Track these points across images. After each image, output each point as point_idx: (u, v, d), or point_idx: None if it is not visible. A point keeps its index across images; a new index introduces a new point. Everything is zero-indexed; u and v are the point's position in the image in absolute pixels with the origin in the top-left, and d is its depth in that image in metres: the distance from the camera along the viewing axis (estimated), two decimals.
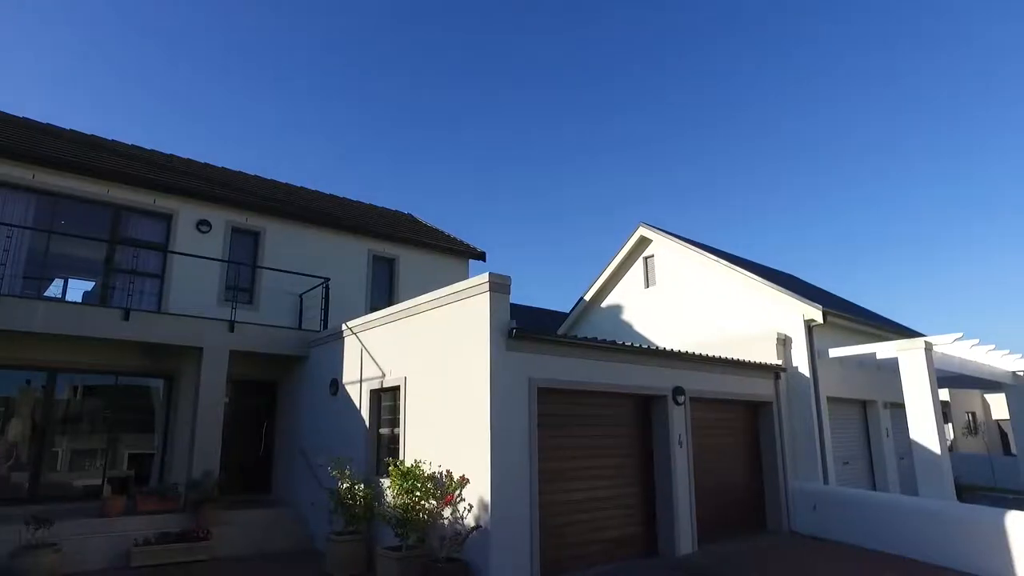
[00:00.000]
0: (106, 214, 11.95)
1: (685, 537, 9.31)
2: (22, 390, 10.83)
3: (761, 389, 11.57)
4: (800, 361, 11.91)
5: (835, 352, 12.09)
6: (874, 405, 13.66)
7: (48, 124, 13.68)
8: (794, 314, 12.05)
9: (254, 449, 12.50)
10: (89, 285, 12.45)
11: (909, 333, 15.07)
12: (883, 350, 11.59)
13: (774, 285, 12.60)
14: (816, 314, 11.70)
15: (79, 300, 12.10)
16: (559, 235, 60.16)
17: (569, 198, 59.24)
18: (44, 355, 10.53)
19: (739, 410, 11.53)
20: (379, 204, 18.61)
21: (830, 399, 12.17)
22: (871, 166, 50.43)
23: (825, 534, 10.57)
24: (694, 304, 14.08)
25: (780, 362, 11.96)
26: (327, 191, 17.61)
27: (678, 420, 9.77)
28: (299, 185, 17.11)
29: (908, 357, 11.01)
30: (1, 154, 10.90)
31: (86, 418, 11.33)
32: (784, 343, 12.14)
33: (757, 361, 11.51)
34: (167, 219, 12.45)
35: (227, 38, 41.39)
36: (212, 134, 47.53)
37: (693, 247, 14.47)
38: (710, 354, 10.73)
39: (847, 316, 12.82)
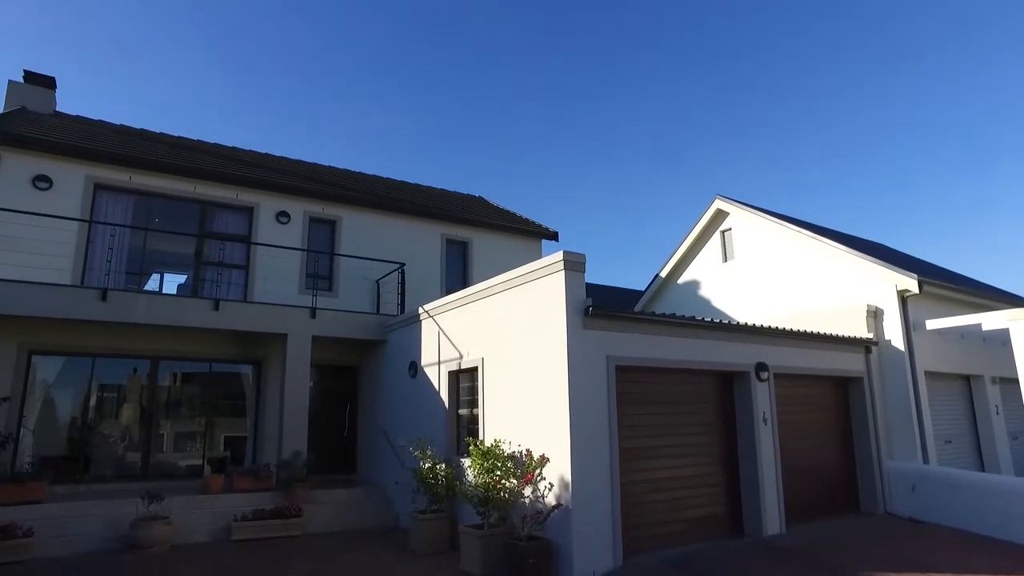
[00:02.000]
0: (194, 210, 12.64)
1: (772, 517, 9.00)
2: (130, 378, 11.66)
3: (851, 364, 10.99)
4: (893, 334, 11.21)
5: (933, 324, 11.30)
6: (980, 380, 12.71)
7: (141, 129, 14.55)
8: (886, 284, 11.34)
9: (339, 431, 12.98)
10: (182, 278, 13.23)
11: (1019, 302, 13.91)
12: (990, 320, 10.73)
13: (863, 254, 11.90)
14: (911, 284, 10.96)
15: (174, 292, 12.88)
16: (633, 215, 59.06)
17: (642, 176, 57.96)
18: (147, 345, 11.28)
19: (827, 386, 11.00)
20: (449, 188, 18.83)
21: (928, 374, 11.41)
22: (960, 123, 46.60)
23: (925, 517, 9.97)
24: (775, 277, 13.51)
25: (871, 335, 11.30)
26: (398, 178, 17.98)
27: (762, 397, 9.42)
28: (371, 173, 17.53)
29: (1021, 327, 10.15)
30: (103, 159, 11.71)
31: (185, 403, 12.10)
32: (875, 315, 11.46)
33: (845, 335, 10.92)
34: (249, 212, 13.04)
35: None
36: (275, 123, 49.34)
37: (773, 218, 13.86)
38: (794, 328, 10.27)
39: (946, 285, 11.96)
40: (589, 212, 57.93)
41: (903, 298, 11.24)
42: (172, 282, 13.34)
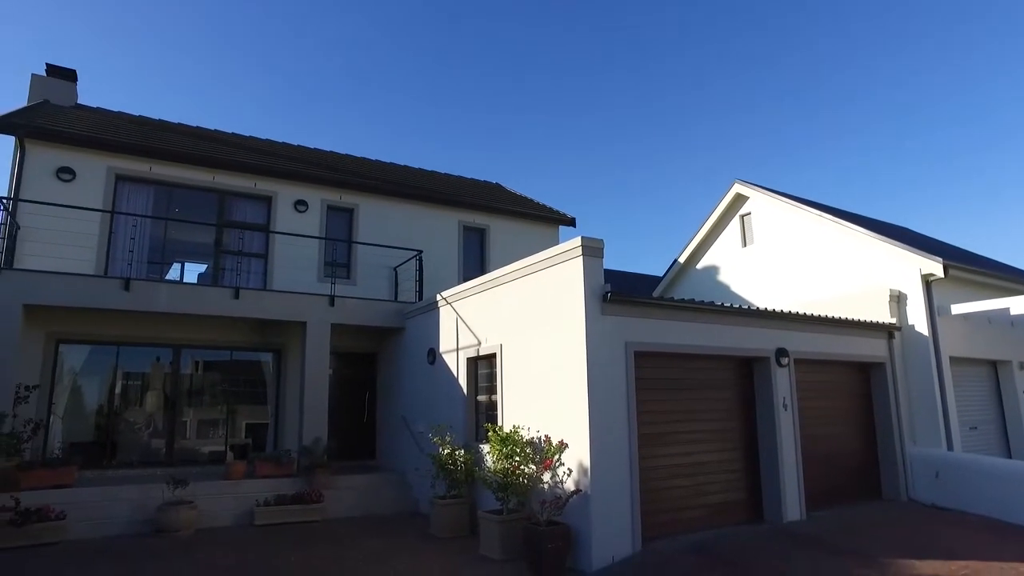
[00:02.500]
0: (213, 199, 12.76)
1: (792, 503, 8.94)
2: (154, 366, 11.86)
3: (873, 349, 10.84)
4: (917, 319, 11.03)
5: (959, 308, 11.10)
6: (1007, 366, 12.48)
7: (160, 119, 14.67)
8: (909, 269, 11.15)
9: (358, 417, 13.11)
10: (203, 267, 13.38)
11: None
12: (1019, 304, 10.51)
13: (886, 238, 11.69)
14: (935, 268, 10.76)
15: (195, 281, 13.04)
16: (650, 201, 58.57)
17: (659, 163, 57.41)
18: (169, 333, 11.45)
19: (849, 372, 10.87)
20: (466, 175, 18.80)
21: (953, 359, 11.22)
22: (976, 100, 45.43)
23: (949, 503, 9.85)
24: (796, 262, 13.34)
25: (894, 321, 11.13)
26: (415, 165, 17.99)
27: (782, 382, 9.34)
28: (388, 161, 17.56)
29: None
30: (124, 150, 11.83)
31: (207, 391, 12.28)
32: (898, 300, 11.28)
33: (867, 320, 10.77)
34: (267, 201, 13.14)
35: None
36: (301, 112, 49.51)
37: (793, 202, 13.66)
38: (815, 313, 10.14)
39: (973, 268, 11.72)
40: (607, 198, 57.60)
41: (927, 282, 11.04)
42: (193, 271, 13.50)
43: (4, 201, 9.81)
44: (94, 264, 11.16)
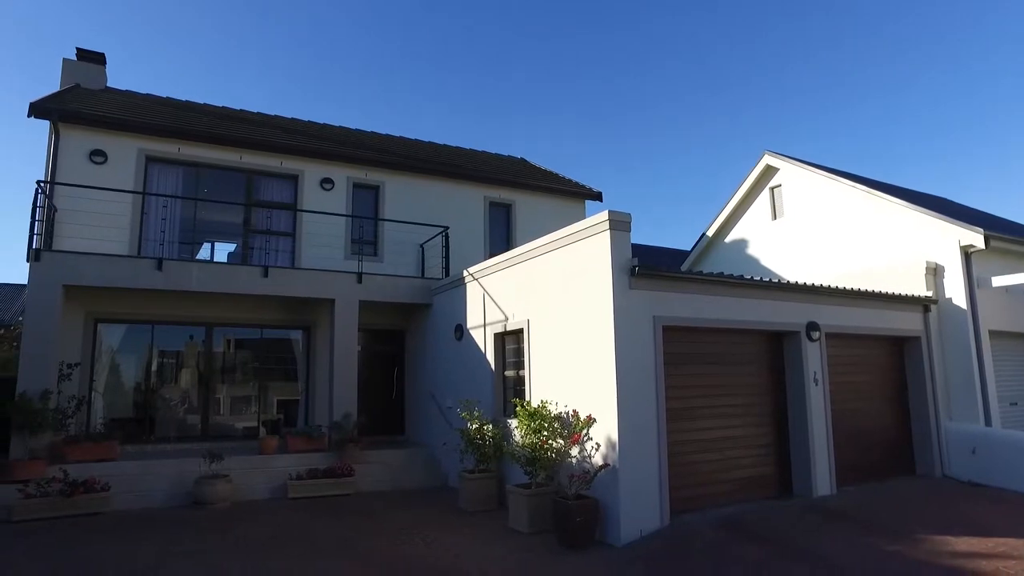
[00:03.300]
0: (241, 179, 12.89)
1: (823, 478, 8.85)
2: (187, 344, 12.14)
3: (907, 323, 10.59)
4: (955, 292, 10.72)
5: (1000, 281, 10.75)
6: None
7: (187, 100, 14.81)
8: (947, 240, 10.81)
9: (387, 393, 13.28)
10: (232, 246, 13.56)
11: None
12: None
13: (923, 209, 11.34)
14: (975, 239, 10.42)
15: (225, 261, 13.24)
16: (676, 175, 57.72)
17: (684, 136, 56.36)
18: (201, 312, 11.69)
19: (882, 346, 10.65)
20: (491, 151, 18.69)
21: (993, 333, 10.91)
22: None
23: (986, 480, 9.65)
24: (828, 235, 13.04)
25: (930, 294, 10.84)
26: (440, 141, 17.93)
27: (813, 357, 9.19)
28: (413, 138, 17.53)
29: None
30: (154, 132, 11.99)
31: (239, 368, 12.55)
32: (935, 272, 10.97)
33: (902, 293, 10.50)
34: (294, 180, 13.23)
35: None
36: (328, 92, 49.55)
37: (825, 173, 13.31)
38: (847, 287, 9.93)
39: (1015, 239, 11.32)
40: (634, 173, 56.89)
41: (967, 254, 10.70)
42: (223, 251, 13.69)
43: (42, 184, 10.03)
44: (128, 245, 11.40)
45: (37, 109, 11.09)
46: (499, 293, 9.85)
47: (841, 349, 9.82)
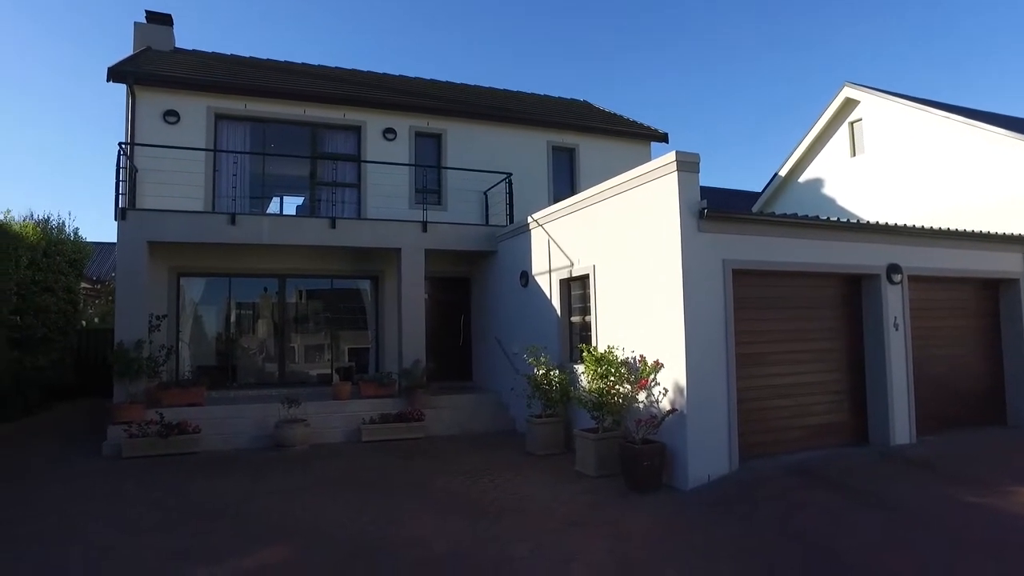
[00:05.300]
0: (305, 133, 13.10)
1: (901, 426, 8.52)
2: (262, 296, 12.68)
3: (1004, 264, 9.86)
4: None
5: None
6: None
7: (250, 56, 15.04)
8: None
9: (454, 340, 13.54)
10: (300, 199, 13.93)
11: None
12: None
13: None
14: None
15: (294, 213, 13.63)
16: (746, 113, 54.97)
17: (755, 70, 53.31)
18: (273, 264, 12.13)
19: (973, 289, 9.99)
20: (553, 95, 18.24)
21: None
22: None
23: None
24: (915, 171, 12.18)
25: None
26: (501, 87, 17.62)
27: (893, 301, 8.73)
28: (474, 84, 17.30)
29: None
30: (220, 90, 12.28)
31: (311, 318, 13.05)
32: None
33: (999, 232, 9.75)
34: (356, 131, 13.34)
35: None
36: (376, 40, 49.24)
37: (914, 103, 12.34)
38: (934, 227, 9.29)
39: None
40: (702, 113, 54.51)
41: None
42: (291, 204, 14.08)
43: (123, 146, 10.49)
44: (203, 202, 11.86)
45: (114, 73, 11.51)
46: (564, 239, 9.75)
47: (925, 292, 9.28)
